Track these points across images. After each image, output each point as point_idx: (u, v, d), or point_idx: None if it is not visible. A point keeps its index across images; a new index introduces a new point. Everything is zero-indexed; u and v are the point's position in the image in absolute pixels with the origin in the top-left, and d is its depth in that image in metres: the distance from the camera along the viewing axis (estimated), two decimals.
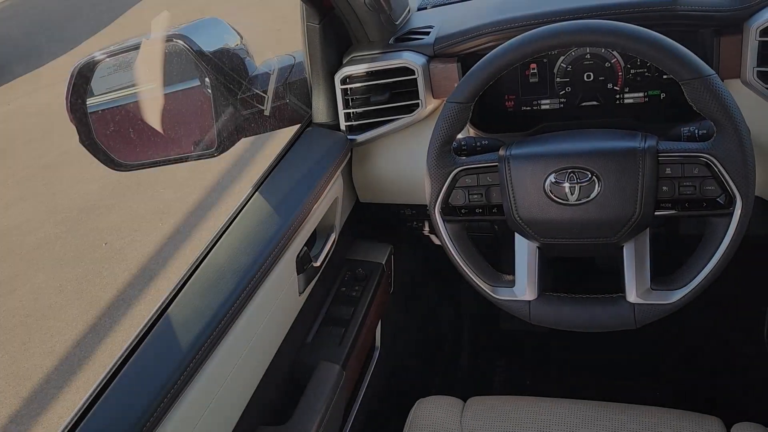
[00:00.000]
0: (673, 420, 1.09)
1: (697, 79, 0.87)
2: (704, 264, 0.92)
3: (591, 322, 1.00)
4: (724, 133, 0.88)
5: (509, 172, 0.98)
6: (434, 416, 1.19)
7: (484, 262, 1.07)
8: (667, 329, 1.80)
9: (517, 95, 1.30)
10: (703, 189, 0.90)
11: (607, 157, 0.93)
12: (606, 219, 0.94)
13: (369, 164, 1.36)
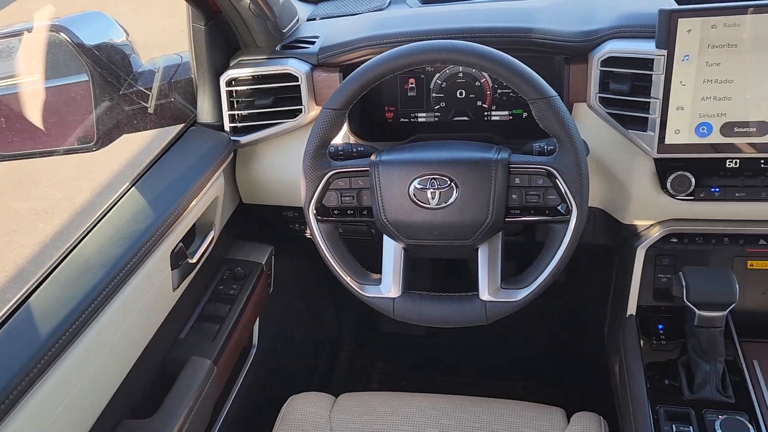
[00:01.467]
0: (521, 411, 1.19)
1: (541, 99, 0.98)
2: (546, 265, 1.02)
3: (448, 317, 1.08)
4: (564, 149, 0.99)
5: (378, 177, 1.05)
6: (305, 411, 1.23)
7: (354, 261, 1.13)
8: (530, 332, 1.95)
9: (397, 107, 1.38)
10: (546, 198, 1.01)
11: (465, 166, 1.02)
12: (463, 222, 1.03)
13: (252, 166, 1.39)
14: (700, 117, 1.09)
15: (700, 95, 1.07)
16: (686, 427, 1.01)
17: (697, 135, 1.10)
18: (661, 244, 1.22)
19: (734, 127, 1.08)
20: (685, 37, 1.04)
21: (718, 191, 1.14)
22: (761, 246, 1.19)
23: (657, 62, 1.06)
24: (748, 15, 1.00)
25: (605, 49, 1.12)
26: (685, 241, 1.21)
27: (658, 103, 1.09)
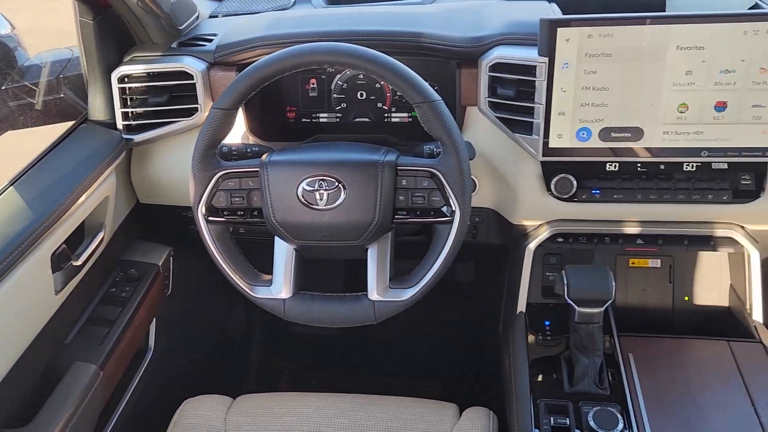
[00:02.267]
0: (416, 407, 1.22)
1: (425, 103, 1.00)
2: (431, 265, 1.05)
3: (337, 318, 1.08)
4: (447, 152, 1.01)
5: (267, 178, 1.05)
6: (198, 415, 1.21)
7: (245, 262, 1.12)
8: (437, 331, 1.99)
9: (298, 108, 1.38)
10: (431, 199, 1.03)
11: (352, 168, 1.03)
12: (351, 223, 1.04)
13: (148, 165, 1.36)
14: (581, 122, 1.14)
15: (579, 101, 1.12)
16: (563, 419, 1.06)
17: (578, 139, 1.15)
18: (548, 244, 1.27)
19: (611, 132, 1.14)
20: (564, 45, 1.08)
21: (598, 193, 1.20)
22: (639, 245, 1.26)
23: (539, 69, 1.11)
24: (619, 27, 1.05)
25: (493, 55, 1.15)
26: (570, 240, 1.27)
27: (541, 108, 1.13)
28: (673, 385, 1.11)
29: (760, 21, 1.02)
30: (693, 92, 1.09)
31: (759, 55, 1.05)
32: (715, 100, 1.09)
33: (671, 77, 1.08)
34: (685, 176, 1.18)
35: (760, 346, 1.16)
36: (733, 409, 1.06)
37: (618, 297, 1.34)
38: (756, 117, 1.09)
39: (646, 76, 1.09)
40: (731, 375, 1.11)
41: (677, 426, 1.04)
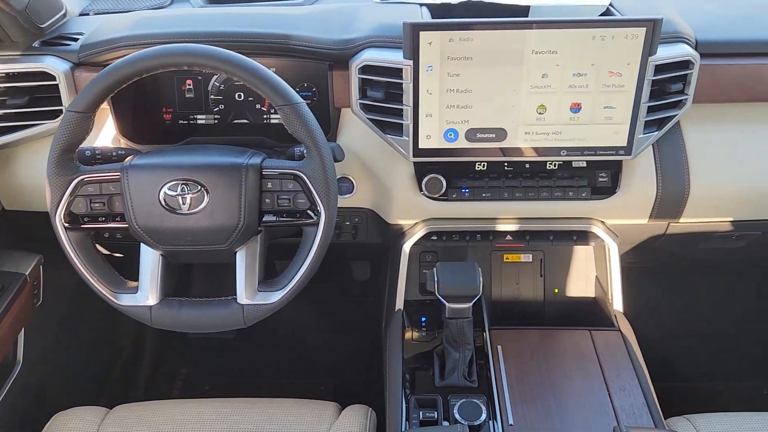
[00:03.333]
0: (296, 409, 1.22)
1: (287, 105, 1.00)
2: (299, 268, 1.05)
3: (206, 323, 1.07)
4: (311, 155, 1.02)
5: (128, 182, 1.02)
6: (69, 428, 1.16)
7: (109, 268, 1.09)
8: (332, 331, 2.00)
9: (175, 109, 1.35)
10: (296, 202, 1.04)
11: (214, 171, 1.02)
12: (215, 227, 1.03)
13: (12, 170, 1.30)
14: (447, 123, 1.17)
15: (445, 103, 1.15)
16: (432, 413, 1.09)
17: (446, 140, 1.19)
18: (423, 242, 1.30)
19: (477, 133, 1.18)
20: (428, 48, 1.11)
21: (468, 192, 1.24)
22: (508, 241, 1.31)
23: (405, 71, 1.13)
24: (477, 31, 1.09)
25: (362, 58, 1.17)
26: (443, 238, 1.30)
27: (409, 110, 1.15)
28: (537, 374, 1.16)
29: (606, 27, 1.08)
30: (550, 94, 1.14)
31: (607, 59, 1.11)
32: (571, 102, 1.15)
33: (528, 80, 1.13)
34: (548, 174, 1.24)
35: (619, 334, 1.24)
36: (590, 394, 1.12)
37: (493, 291, 1.39)
38: (608, 118, 1.16)
39: (506, 79, 1.13)
40: (590, 362, 1.18)
41: (538, 413, 1.09)
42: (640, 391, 1.12)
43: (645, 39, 1.09)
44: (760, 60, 1.18)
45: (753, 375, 1.86)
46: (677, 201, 1.23)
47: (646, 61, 1.10)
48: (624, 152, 1.18)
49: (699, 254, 1.43)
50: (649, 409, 1.08)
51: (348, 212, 1.33)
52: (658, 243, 1.35)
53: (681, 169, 1.22)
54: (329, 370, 1.94)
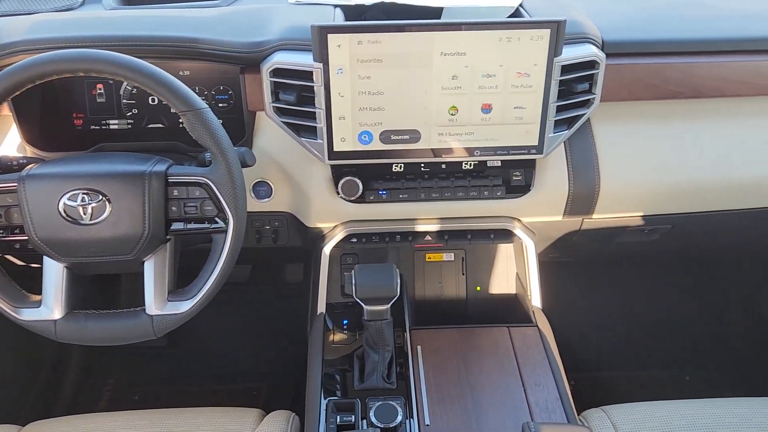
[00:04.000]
0: (218, 417, 1.20)
1: (190, 111, 0.98)
2: (208, 276, 1.03)
3: (114, 335, 1.04)
4: (216, 161, 1.00)
5: (25, 193, 0.98)
6: None
7: (10, 283, 1.05)
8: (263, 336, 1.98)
9: (86, 114, 1.30)
10: (204, 209, 1.02)
11: (116, 180, 0.99)
12: (119, 237, 1.00)
13: None
14: (361, 126, 1.17)
15: (357, 106, 1.15)
16: (349, 417, 1.08)
17: (361, 143, 1.18)
18: (343, 245, 1.30)
19: (391, 135, 1.18)
20: (337, 51, 1.10)
21: (385, 194, 1.24)
22: (427, 242, 1.32)
23: (316, 74, 1.12)
24: (385, 33, 1.09)
25: (272, 61, 1.15)
26: (363, 240, 1.30)
27: (322, 113, 1.15)
28: (456, 373, 1.17)
29: (511, 29, 1.10)
30: (460, 95, 1.15)
31: (515, 61, 1.12)
32: (482, 103, 1.16)
33: (439, 82, 1.13)
34: (464, 174, 1.25)
35: (536, 329, 1.26)
36: (506, 391, 1.14)
37: (416, 291, 1.40)
38: (518, 118, 1.18)
39: (417, 81, 1.13)
40: (507, 359, 1.20)
41: (455, 412, 1.10)
42: (554, 385, 1.14)
43: (550, 40, 1.11)
44: (663, 59, 1.22)
45: (674, 363, 1.92)
46: (589, 198, 1.26)
47: (552, 61, 1.12)
48: (536, 151, 1.20)
49: (614, 248, 1.47)
50: (562, 402, 1.11)
51: (267, 216, 1.31)
52: (575, 239, 1.38)
53: (592, 166, 1.25)
54: (262, 374, 1.92)
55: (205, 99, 1.27)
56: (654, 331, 1.96)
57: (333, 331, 1.28)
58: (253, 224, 1.32)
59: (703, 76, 1.22)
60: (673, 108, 1.29)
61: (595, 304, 1.95)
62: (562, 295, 1.61)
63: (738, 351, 1.92)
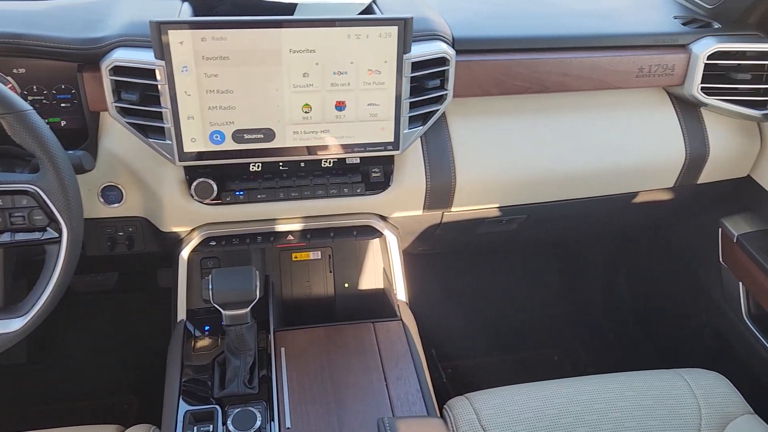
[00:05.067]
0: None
1: (9, 114, 0.90)
2: (42, 290, 0.96)
3: None
4: (44, 166, 0.93)
5: None
6: None
7: None
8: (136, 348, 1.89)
9: None
10: (33, 219, 0.95)
11: None
12: None
13: None
14: (212, 125, 1.13)
15: (206, 105, 1.11)
16: (207, 426, 1.05)
17: (213, 143, 1.15)
18: (202, 248, 1.26)
19: (244, 135, 1.15)
20: (179, 48, 1.06)
21: (242, 194, 1.21)
22: (289, 241, 1.30)
23: (159, 72, 1.07)
24: (230, 30, 1.06)
25: (111, 58, 1.09)
26: (223, 243, 1.27)
27: (168, 112, 1.10)
28: (319, 373, 1.16)
29: (359, 26, 1.10)
30: (313, 93, 1.14)
31: (365, 58, 1.13)
32: (335, 100, 1.16)
33: (290, 79, 1.12)
34: (323, 172, 1.25)
35: (400, 323, 1.28)
36: (369, 387, 1.14)
37: (284, 292, 1.38)
38: (373, 115, 1.18)
39: (267, 79, 1.11)
40: (371, 355, 1.20)
41: (317, 413, 1.09)
42: (416, 378, 1.16)
43: (398, 37, 1.12)
44: (510, 56, 1.27)
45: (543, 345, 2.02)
46: (446, 191, 1.29)
47: (401, 58, 1.13)
48: (392, 147, 1.21)
49: (477, 239, 1.52)
50: (423, 395, 1.13)
51: (119, 222, 1.24)
52: (437, 231, 1.41)
53: (447, 161, 1.28)
54: (131, 387, 1.83)
55: (45, 99, 1.18)
56: (525, 315, 2.05)
57: (194, 338, 1.23)
58: (105, 231, 1.25)
59: (547, 71, 1.28)
60: (523, 103, 1.34)
61: (468, 293, 2.01)
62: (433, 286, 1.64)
63: (598, 330, 2.05)
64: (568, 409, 1.18)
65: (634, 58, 1.31)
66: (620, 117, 1.37)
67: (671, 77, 1.34)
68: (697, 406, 1.18)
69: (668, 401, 1.19)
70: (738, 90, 1.35)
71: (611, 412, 1.17)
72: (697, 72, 1.31)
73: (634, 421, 1.16)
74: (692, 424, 1.16)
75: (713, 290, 1.62)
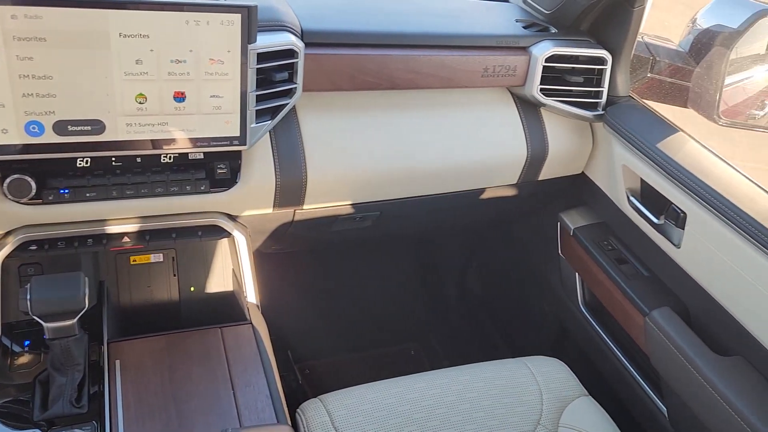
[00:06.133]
0: None
1: None
2: None
3: None
4: None
5: None
6: None
7: None
8: None
9: None
10: None
11: None
12: None
13: None
14: (27, 115, 1.00)
15: (20, 92, 0.98)
16: None
17: (29, 134, 1.01)
18: (20, 254, 1.12)
19: (68, 126, 1.03)
20: None
21: (67, 192, 1.09)
22: (125, 243, 1.20)
23: None
24: (46, 8, 0.94)
25: None
26: (46, 247, 1.13)
27: None
28: (159, 385, 1.08)
29: (197, 12, 1.02)
30: (148, 82, 1.04)
31: (206, 46, 1.05)
32: (173, 91, 1.07)
33: (121, 66, 1.02)
34: (162, 168, 1.15)
35: (250, 327, 1.22)
36: (215, 396, 1.08)
37: (121, 299, 1.27)
38: (216, 107, 1.11)
39: (94, 65, 1.00)
40: (218, 362, 1.13)
41: (155, 428, 1.01)
42: (266, 384, 1.11)
43: (242, 26, 1.06)
44: (360, 51, 1.25)
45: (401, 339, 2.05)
46: (297, 188, 1.25)
47: (246, 48, 1.07)
48: (238, 142, 1.15)
49: (332, 236, 1.50)
50: (272, 401, 1.08)
51: None
52: (290, 230, 1.37)
53: (298, 157, 1.24)
54: None
55: None
56: (382, 311, 2.06)
57: (12, 354, 1.09)
58: None
59: (397, 68, 1.28)
60: (375, 99, 1.33)
61: (323, 291, 1.99)
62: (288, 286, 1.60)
63: (452, 323, 2.11)
64: (420, 404, 1.19)
65: (479, 58, 1.34)
66: (467, 115, 1.40)
67: (514, 78, 1.40)
68: (539, 392, 1.24)
69: (514, 389, 1.24)
70: (572, 92, 1.43)
71: (461, 403, 1.20)
72: (537, 74, 1.38)
73: (482, 411, 1.19)
74: (535, 409, 1.22)
75: (553, 281, 1.72)
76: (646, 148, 1.33)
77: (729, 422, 1.12)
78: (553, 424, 1.20)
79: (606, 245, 1.53)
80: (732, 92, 1.44)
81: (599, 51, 1.40)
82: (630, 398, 1.49)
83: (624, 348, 1.51)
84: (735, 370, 1.17)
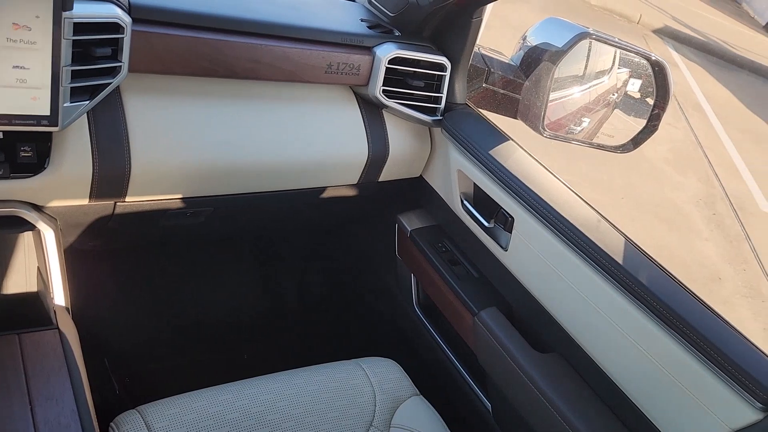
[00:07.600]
0: None
1: None
2: None
3: None
4: None
5: None
6: None
7: None
8: None
9: None
10: None
11: None
12: None
13: None
14: None
15: None
16: None
17: None
18: None
19: None
20: None
21: None
22: None
23: None
24: None
25: None
26: None
27: None
28: None
29: None
30: None
31: (11, 8, 0.91)
32: None
33: None
34: None
35: (56, 333, 1.08)
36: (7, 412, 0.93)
37: None
38: (21, 80, 0.96)
39: None
40: (13, 373, 0.99)
41: None
42: (72, 397, 0.98)
43: None
44: (195, 33, 1.16)
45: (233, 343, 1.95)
46: (119, 179, 1.13)
47: (59, 16, 0.94)
48: (48, 123, 1.01)
49: (161, 232, 1.38)
50: (80, 415, 0.96)
51: None
52: (110, 224, 1.23)
53: (121, 144, 1.12)
54: None
55: None
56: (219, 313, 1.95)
57: None
58: None
59: (236, 56, 1.21)
60: (212, 86, 1.25)
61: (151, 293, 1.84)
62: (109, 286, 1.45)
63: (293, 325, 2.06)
64: (250, 411, 1.13)
65: (323, 54, 1.31)
66: (309, 112, 1.36)
67: (357, 77, 1.38)
68: (373, 393, 1.23)
69: (348, 391, 1.22)
70: (414, 96, 1.45)
71: (293, 408, 1.15)
72: (380, 75, 1.38)
73: (315, 415, 1.15)
74: (368, 411, 1.21)
75: (390, 282, 1.74)
76: (480, 154, 1.38)
77: (546, 417, 1.19)
78: (385, 425, 1.19)
79: (440, 247, 1.57)
80: (555, 107, 1.55)
81: (440, 57, 1.43)
82: (459, 397, 1.54)
83: (455, 347, 1.56)
84: (553, 367, 1.24)
